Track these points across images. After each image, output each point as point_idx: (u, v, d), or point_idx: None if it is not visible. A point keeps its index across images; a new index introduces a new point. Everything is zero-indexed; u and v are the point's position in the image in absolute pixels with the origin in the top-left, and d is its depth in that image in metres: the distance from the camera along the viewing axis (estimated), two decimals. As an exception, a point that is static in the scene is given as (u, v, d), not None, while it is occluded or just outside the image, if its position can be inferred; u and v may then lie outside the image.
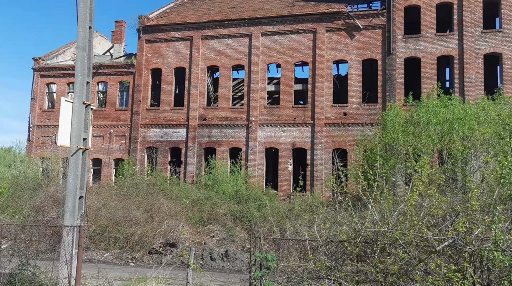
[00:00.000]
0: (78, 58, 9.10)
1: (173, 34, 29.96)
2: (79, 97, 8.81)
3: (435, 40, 25.15)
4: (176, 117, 29.18)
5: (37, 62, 32.68)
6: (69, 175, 8.92)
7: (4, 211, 14.28)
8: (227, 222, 14.40)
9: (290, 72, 27.56)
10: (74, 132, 8.92)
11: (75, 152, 9.02)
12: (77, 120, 8.83)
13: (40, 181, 20.28)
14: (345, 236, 6.21)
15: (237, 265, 11.05)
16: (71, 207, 8.47)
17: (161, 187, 18.84)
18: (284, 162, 26.87)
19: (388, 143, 15.16)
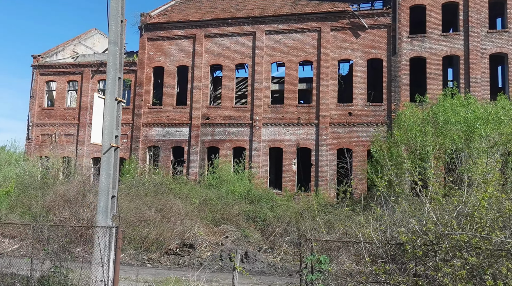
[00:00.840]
0: (109, 53, 8.81)
1: (176, 32, 29.65)
2: (111, 93, 8.52)
3: (440, 40, 25.09)
4: (178, 116, 28.88)
5: (37, 59, 32.21)
6: (101, 173, 8.64)
7: (13, 211, 13.91)
8: (240, 222, 14.17)
9: (294, 71, 27.38)
10: (106, 130, 8.64)
11: (107, 150, 8.73)
12: (109, 117, 8.54)
13: (46, 180, 19.85)
14: (405, 238, 6.00)
15: (257, 266, 10.81)
16: (104, 207, 8.19)
17: (170, 187, 18.55)
18: (288, 161, 26.68)
19: (404, 143, 15.00)
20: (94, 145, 29.40)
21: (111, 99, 8.47)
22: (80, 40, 37.20)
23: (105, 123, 8.59)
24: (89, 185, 14.69)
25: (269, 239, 12.58)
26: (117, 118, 8.70)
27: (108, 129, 8.64)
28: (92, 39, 38.73)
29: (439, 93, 24.76)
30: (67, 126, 30.93)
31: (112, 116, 8.56)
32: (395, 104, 25.27)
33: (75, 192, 13.99)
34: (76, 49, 36.15)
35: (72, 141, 30.66)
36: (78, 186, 14.98)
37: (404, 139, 15.01)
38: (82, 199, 13.31)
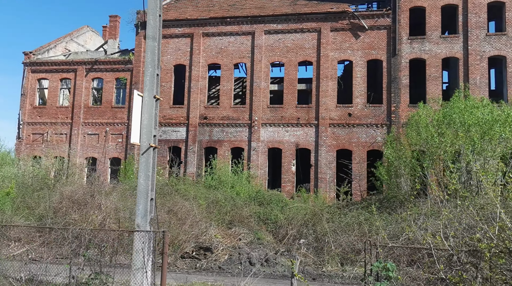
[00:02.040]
0: (148, 48, 8.43)
1: (173, 31, 29.20)
2: (149, 90, 8.14)
3: (440, 42, 25.21)
4: (175, 116, 28.42)
5: (28, 56, 31.36)
6: (140, 175, 8.24)
7: (17, 212, 13.29)
8: (252, 224, 13.86)
9: (294, 72, 27.20)
10: (144, 129, 8.25)
11: (146, 150, 8.34)
12: (147, 115, 8.17)
13: (47, 180, 19.19)
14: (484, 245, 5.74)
15: (278, 270, 10.51)
16: (143, 210, 7.79)
17: (176, 188, 18.13)
18: (288, 162, 26.48)
19: (418, 145, 14.90)
20: (88, 145, 28.79)
21: (150, 97, 8.10)
22: (72, 37, 36.41)
23: (143, 122, 8.21)
24: (97, 185, 14.19)
25: (283, 242, 12.32)
26: (155, 117, 8.33)
27: (147, 129, 8.26)
28: (84, 36, 37.97)
29: (438, 95, 24.93)
30: (60, 125, 30.16)
31: (151, 115, 8.19)
32: (395, 106, 25.30)
33: (81, 193, 13.50)
34: (68, 47, 35.37)
35: (64, 140, 29.90)
36: (84, 187, 14.46)
37: (418, 140, 14.93)
38: (92, 201, 12.82)
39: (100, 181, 14.50)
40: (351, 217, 11.94)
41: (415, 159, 15.03)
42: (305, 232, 12.36)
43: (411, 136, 15.66)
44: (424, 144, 14.34)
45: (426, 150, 14.36)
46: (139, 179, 8.21)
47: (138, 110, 8.21)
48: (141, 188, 7.97)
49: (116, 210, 12.71)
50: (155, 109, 8.40)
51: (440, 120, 14.26)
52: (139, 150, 26.93)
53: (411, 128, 16.02)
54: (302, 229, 12.65)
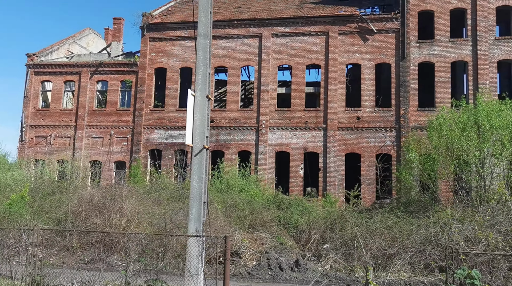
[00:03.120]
0: (199, 46, 8.20)
1: (179, 33, 28.97)
2: (202, 90, 7.89)
3: (449, 46, 25.19)
4: (182, 119, 28.11)
5: (31, 58, 30.99)
6: (192, 178, 7.99)
7: (35, 216, 12.88)
8: (273, 228, 13.60)
9: (301, 75, 27.06)
10: (197, 130, 8.02)
11: (199, 152, 8.10)
12: (199, 116, 7.92)
13: (60, 184, 18.80)
14: None
15: (310, 276, 10.24)
16: (196, 214, 7.54)
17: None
18: (296, 166, 26.27)
19: (444, 148, 14.74)
20: (93, 148, 28.41)
21: (202, 97, 7.86)
22: (75, 39, 36.09)
23: (195, 122, 7.97)
24: (117, 189, 13.85)
25: (307, 247, 12.08)
26: (207, 117, 8.08)
27: (200, 129, 8.02)
28: (86, 38, 37.65)
29: (448, 99, 24.87)
30: (63, 128, 29.77)
31: (203, 115, 7.95)
32: (403, 109, 25.21)
33: (100, 197, 13.17)
34: (70, 49, 35.03)
35: (68, 143, 29.50)
36: (102, 190, 14.13)
37: (442, 144, 14.76)
38: (112, 204, 12.49)
39: (121, 185, 14.14)
40: (379, 221, 11.72)
41: (440, 163, 14.88)
42: (329, 236, 12.15)
43: (433, 139, 15.50)
44: (449, 147, 14.20)
45: (450, 153, 14.23)
46: (192, 182, 7.95)
47: (191, 111, 7.96)
48: (194, 191, 7.71)
49: (137, 214, 12.38)
50: (207, 110, 8.15)
51: (465, 123, 14.11)
52: (144, 153, 26.48)
53: (433, 131, 15.86)
54: (326, 234, 12.43)
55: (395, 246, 10.24)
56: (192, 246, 7.38)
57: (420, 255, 9.67)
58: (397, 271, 9.45)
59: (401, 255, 9.60)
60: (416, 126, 24.86)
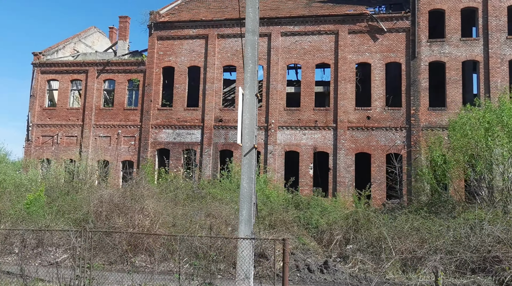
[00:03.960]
0: (247, 42, 8.02)
1: (187, 32, 28.78)
2: (250, 88, 7.72)
3: (460, 45, 25.05)
4: (190, 118, 27.96)
5: (37, 57, 30.76)
6: (242, 178, 7.81)
7: (58, 216, 12.64)
8: (294, 229, 13.44)
9: (311, 74, 26.90)
10: (246, 129, 7.83)
11: (248, 151, 7.92)
12: (248, 114, 7.75)
13: (75, 184, 18.58)
14: None
15: (340, 278, 10.08)
16: (247, 215, 7.37)
17: (208, 191, 17.65)
18: (305, 165, 26.12)
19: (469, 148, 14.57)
20: (100, 147, 28.18)
21: (251, 95, 7.69)
22: (80, 38, 35.87)
23: (244, 121, 7.80)
24: (137, 189, 13.67)
25: (329, 248, 11.92)
26: (256, 116, 7.91)
27: (249, 128, 7.84)
28: (91, 37, 37.44)
29: (459, 98, 24.75)
30: (70, 127, 29.57)
31: (252, 114, 7.78)
32: (414, 109, 25.07)
33: (119, 197, 12.96)
34: (76, 47, 34.81)
35: (75, 143, 29.30)
36: (122, 190, 13.93)
37: (464, 143, 14.61)
38: (134, 205, 12.28)
39: (142, 185, 13.96)
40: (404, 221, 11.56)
41: (465, 162, 14.72)
42: (353, 237, 12.00)
43: (455, 139, 15.34)
44: (474, 147, 14.05)
45: (475, 153, 14.09)
46: (242, 182, 7.78)
47: (241, 109, 7.78)
48: (244, 192, 7.55)
49: (161, 214, 12.15)
50: (256, 108, 7.98)
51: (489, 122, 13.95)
52: (151, 153, 26.23)
53: (455, 131, 15.70)
54: (348, 234, 12.27)
55: (424, 247, 10.12)
56: (244, 249, 7.21)
57: (450, 257, 9.53)
58: (428, 273, 9.30)
59: (431, 257, 9.44)
60: (426, 126, 24.73)
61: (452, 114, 24.66)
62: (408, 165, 24.24)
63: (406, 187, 24.46)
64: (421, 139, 24.68)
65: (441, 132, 24.44)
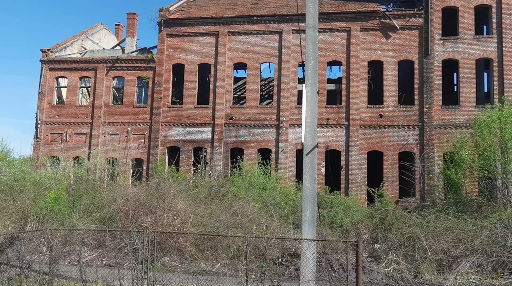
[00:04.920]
0: (308, 39, 7.85)
1: (197, 29, 28.57)
2: (312, 85, 7.57)
3: (473, 43, 24.91)
4: (200, 116, 27.79)
5: (46, 54, 30.53)
6: (305, 177, 7.69)
7: (85, 215, 12.48)
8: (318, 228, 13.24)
9: (322, 72, 26.71)
10: (308, 127, 7.70)
11: (311, 150, 7.80)
12: (310, 112, 7.61)
13: (94, 182, 18.40)
14: None
15: (376, 278, 9.93)
16: (310, 216, 7.24)
17: (228, 189, 17.49)
18: (317, 164, 25.91)
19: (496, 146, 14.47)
20: (109, 145, 28.00)
21: (313, 92, 7.54)
22: (87, 35, 35.63)
23: (306, 119, 7.64)
24: (163, 187, 13.50)
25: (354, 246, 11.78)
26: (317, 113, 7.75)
27: (311, 127, 7.71)
28: (98, 34, 37.20)
29: (472, 96, 24.62)
30: (79, 125, 29.37)
31: (314, 112, 7.63)
32: (427, 107, 24.93)
33: (144, 196, 12.78)
34: (83, 44, 34.59)
35: (84, 140, 29.12)
36: (148, 189, 13.76)
37: (492, 141, 14.48)
38: (161, 203, 12.10)
39: (169, 183, 13.78)
40: (435, 221, 11.43)
41: (493, 161, 14.62)
42: (382, 236, 11.86)
43: (483, 137, 15.19)
44: (503, 146, 13.93)
45: (505, 151, 13.97)
46: (304, 182, 7.65)
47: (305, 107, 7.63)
48: (307, 192, 7.41)
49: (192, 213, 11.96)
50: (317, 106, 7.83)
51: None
52: (161, 151, 26.02)
53: (482, 129, 15.56)
54: (376, 233, 12.14)
55: (459, 247, 9.99)
56: (307, 250, 7.07)
57: (487, 257, 9.42)
58: (465, 273, 9.18)
59: (467, 257, 9.32)
60: (440, 124, 24.61)
61: (465, 113, 24.59)
62: (421, 163, 24.11)
63: (419, 185, 24.37)
64: (434, 137, 24.58)
65: (454, 131, 24.38)
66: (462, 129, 24.21)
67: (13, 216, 12.90)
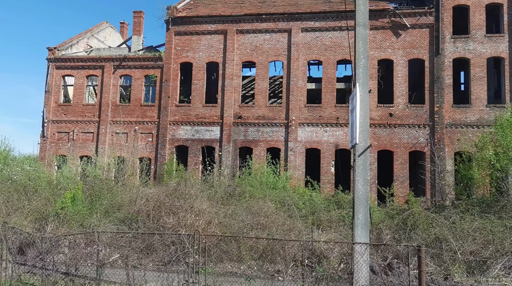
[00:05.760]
0: (359, 37, 7.73)
1: (205, 27, 28.38)
2: (363, 84, 7.45)
3: (484, 41, 24.76)
4: (208, 115, 27.61)
5: (52, 52, 30.32)
6: (357, 179, 7.51)
7: (105, 216, 12.30)
8: (339, 228, 13.14)
9: (332, 70, 26.57)
10: (360, 127, 7.51)
11: (363, 151, 7.62)
12: (362, 112, 7.46)
13: (109, 181, 18.20)
14: None
15: (405, 279, 9.79)
16: (363, 219, 7.09)
17: (244, 189, 17.33)
18: (327, 163, 25.83)
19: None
20: (116, 144, 27.79)
21: (364, 92, 7.41)
22: (93, 33, 35.43)
23: (359, 119, 7.46)
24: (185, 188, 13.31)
25: (380, 247, 11.64)
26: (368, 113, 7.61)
27: (363, 127, 7.54)
28: (103, 32, 37.00)
29: (483, 95, 24.49)
30: (86, 124, 29.19)
31: (366, 111, 7.49)
32: (438, 106, 24.78)
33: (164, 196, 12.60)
34: (89, 43, 34.38)
35: (91, 139, 28.94)
36: (168, 189, 13.59)
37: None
38: (184, 204, 11.92)
39: (190, 183, 13.60)
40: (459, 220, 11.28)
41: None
42: (405, 237, 11.71)
43: (504, 137, 15.05)
44: None
45: None
46: (357, 184, 7.50)
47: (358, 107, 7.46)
48: (360, 194, 7.26)
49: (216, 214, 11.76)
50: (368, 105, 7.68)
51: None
52: (169, 150, 25.79)
53: (505, 129, 15.41)
54: (399, 234, 11.99)
55: (489, 249, 9.85)
56: (360, 254, 6.93)
57: (519, 259, 9.27)
58: (496, 276, 9.04)
59: (497, 259, 9.18)
60: (451, 124, 24.48)
61: (477, 112, 24.46)
62: (434, 163, 23.97)
63: (430, 185, 24.25)
64: (445, 137, 24.45)
65: (465, 130, 24.27)
66: (473, 129, 24.14)
67: (29, 216, 12.72)
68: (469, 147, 19.36)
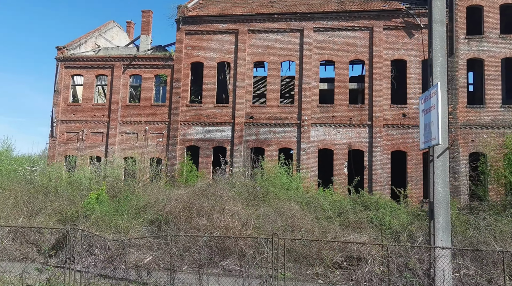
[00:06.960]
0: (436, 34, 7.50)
1: (216, 27, 28.18)
2: (442, 83, 7.22)
3: (499, 42, 24.65)
4: (220, 115, 27.41)
5: (61, 51, 30.06)
6: (437, 181, 7.33)
7: (135, 217, 12.05)
8: (368, 230, 12.96)
9: (345, 70, 26.42)
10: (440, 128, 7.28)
11: (442, 152, 7.43)
12: (441, 112, 7.23)
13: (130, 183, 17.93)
14: None
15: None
16: (444, 222, 6.91)
17: (268, 189, 17.11)
18: (340, 164, 25.67)
19: None
20: (126, 144, 27.54)
21: (442, 91, 7.20)
22: (100, 32, 35.18)
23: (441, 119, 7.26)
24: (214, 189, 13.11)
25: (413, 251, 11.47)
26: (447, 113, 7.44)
27: (442, 127, 7.33)
28: (110, 32, 36.76)
29: (498, 96, 24.38)
30: (96, 124, 28.95)
31: (444, 111, 7.28)
32: (452, 107, 24.65)
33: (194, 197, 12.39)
34: (97, 42, 34.14)
35: (101, 139, 28.69)
36: (195, 190, 13.37)
37: None
38: (215, 205, 11.72)
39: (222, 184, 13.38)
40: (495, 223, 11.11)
41: None
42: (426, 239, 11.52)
43: None
44: None
45: None
46: (436, 186, 7.31)
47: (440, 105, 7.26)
48: (440, 197, 7.09)
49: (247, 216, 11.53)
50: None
51: None
52: (180, 150, 25.59)
53: None
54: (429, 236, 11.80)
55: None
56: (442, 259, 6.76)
57: None
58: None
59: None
60: (465, 124, 24.36)
61: (491, 113, 24.36)
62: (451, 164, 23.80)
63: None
64: (459, 137, 24.33)
65: (480, 131, 24.17)
66: (487, 130, 24.04)
67: (53, 217, 12.49)
68: (492, 148, 19.21)
